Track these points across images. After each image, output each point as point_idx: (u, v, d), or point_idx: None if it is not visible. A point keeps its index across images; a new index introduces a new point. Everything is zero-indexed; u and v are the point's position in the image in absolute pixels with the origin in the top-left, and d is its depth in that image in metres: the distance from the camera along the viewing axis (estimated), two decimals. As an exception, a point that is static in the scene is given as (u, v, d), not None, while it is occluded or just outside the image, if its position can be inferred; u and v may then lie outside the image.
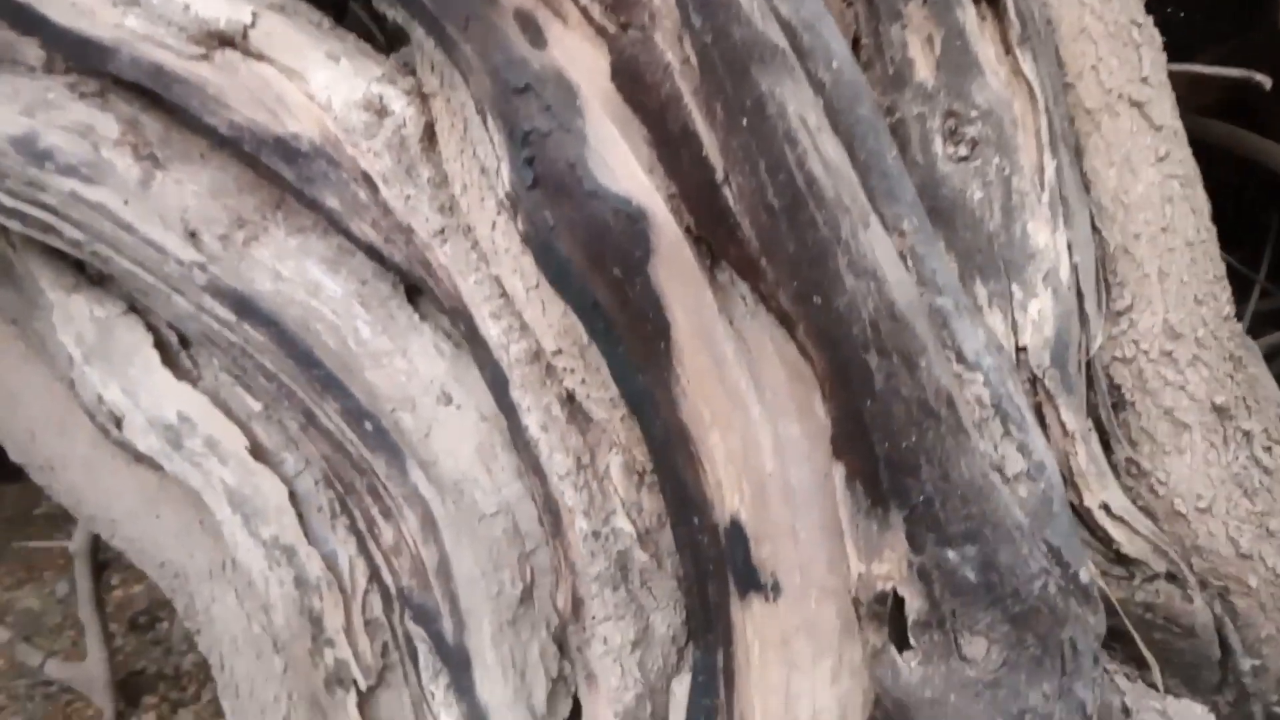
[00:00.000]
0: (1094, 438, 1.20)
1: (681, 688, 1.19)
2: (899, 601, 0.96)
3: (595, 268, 1.01)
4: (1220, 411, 1.25)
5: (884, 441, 0.92)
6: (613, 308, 1.03)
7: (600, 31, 1.03)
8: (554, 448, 1.27)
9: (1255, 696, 1.31)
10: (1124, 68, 1.26)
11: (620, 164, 1.00)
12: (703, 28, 0.93)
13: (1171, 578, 1.22)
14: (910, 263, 0.98)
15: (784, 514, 1.05)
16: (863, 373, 0.91)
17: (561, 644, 1.39)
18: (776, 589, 1.05)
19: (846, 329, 0.91)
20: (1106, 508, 1.17)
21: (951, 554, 0.91)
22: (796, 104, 0.93)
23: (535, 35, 1.04)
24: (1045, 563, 0.92)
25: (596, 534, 1.26)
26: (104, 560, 3.33)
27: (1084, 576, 0.94)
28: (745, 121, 0.92)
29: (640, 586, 1.29)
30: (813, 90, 0.99)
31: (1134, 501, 1.25)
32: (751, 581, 1.06)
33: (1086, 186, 1.26)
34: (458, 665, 1.35)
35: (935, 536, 0.92)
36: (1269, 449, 1.30)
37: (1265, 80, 1.48)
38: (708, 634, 1.11)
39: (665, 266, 1.00)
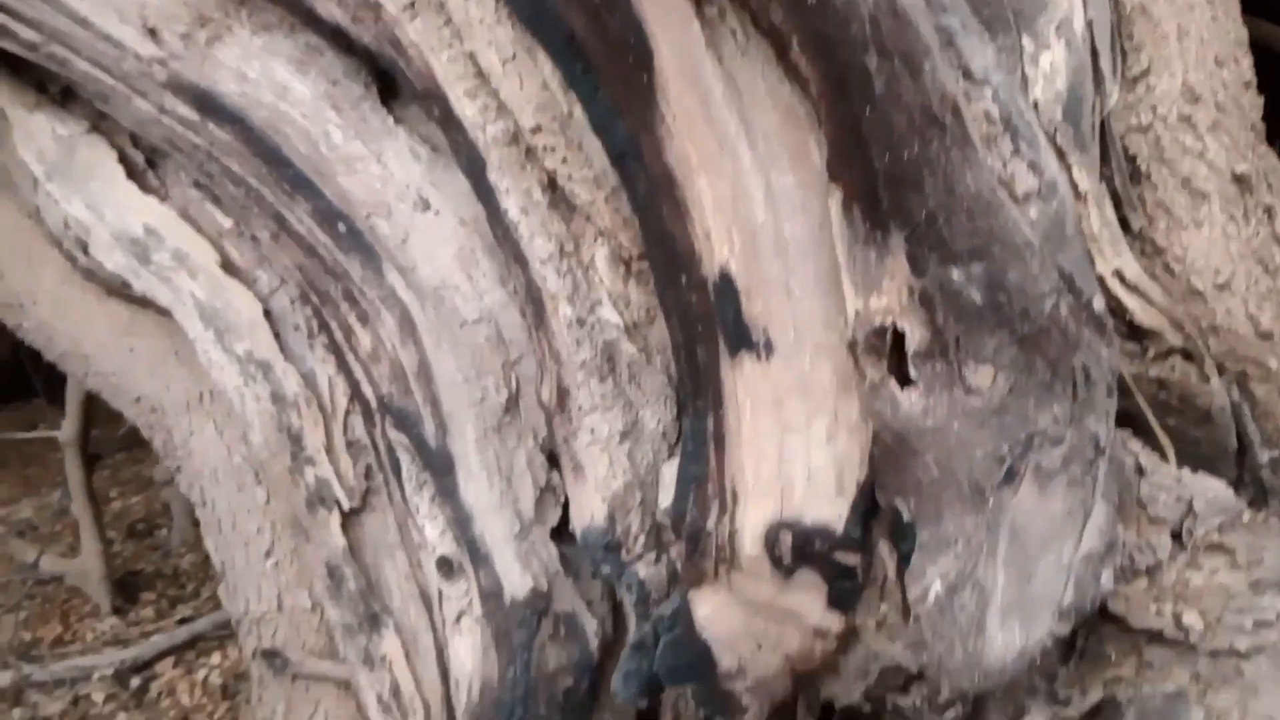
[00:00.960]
0: (1108, 203, 1.13)
1: (670, 469, 1.13)
2: (898, 339, 0.89)
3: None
4: (1241, 182, 1.17)
5: (884, 154, 0.85)
6: (591, 42, 0.96)
7: None
8: (534, 232, 1.20)
9: (1272, 493, 1.25)
10: None
11: (596, -123, 0.92)
12: None
13: (1187, 356, 1.16)
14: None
15: (776, 267, 0.98)
16: (862, 78, 0.84)
17: (550, 455, 1.33)
18: (769, 347, 0.99)
19: (844, 29, 0.83)
20: (1120, 275, 1.10)
21: (956, 274, 0.85)
22: None
23: None
24: (1056, 284, 0.85)
25: (581, 321, 1.20)
26: (95, 453, 3.29)
27: (1097, 305, 0.88)
28: None
29: (629, 380, 1.23)
30: None
31: (1150, 274, 1.18)
32: (743, 339, 1.00)
33: (1101, -60, 1.18)
34: (441, 469, 1.30)
35: (939, 256, 0.85)
36: (1291, 223, 1.23)
37: None
38: (697, 400, 1.04)
39: (648, -14, 0.92)
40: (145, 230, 1.43)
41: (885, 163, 0.86)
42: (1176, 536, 1.03)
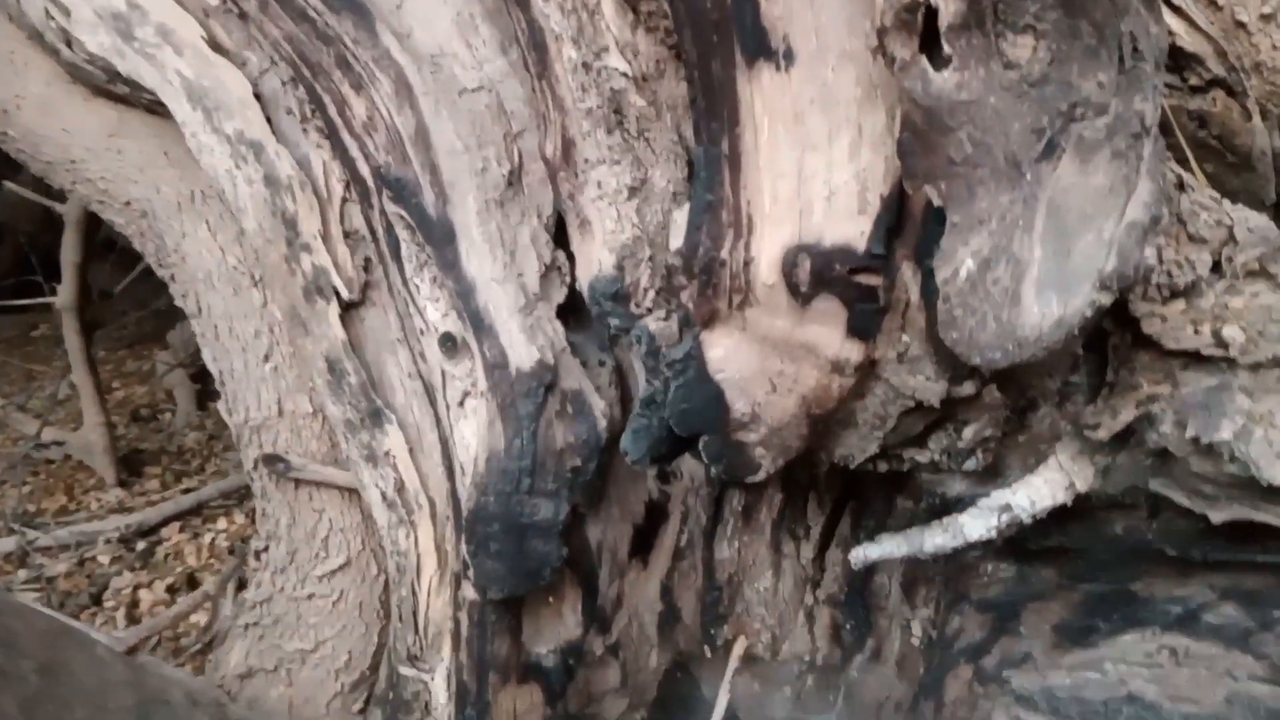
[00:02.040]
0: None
1: (682, 214, 1.07)
2: (930, 16, 0.83)
3: None
4: (1292, -95, 1.09)
5: None
6: None
7: None
8: (536, -32, 1.13)
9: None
10: None
11: None
12: None
13: (1229, 91, 1.09)
14: None
15: (797, -39, 0.91)
16: None
17: (555, 236, 1.28)
18: (789, 56, 0.92)
19: None
20: (1162, -7, 1.03)
21: (993, -69, 0.78)
22: None
23: None
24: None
25: (587, 66, 1.13)
26: (93, 320, 3.25)
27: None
28: None
29: (637, 136, 1.16)
30: None
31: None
32: (761, 47, 0.93)
33: None
34: (441, 240, 1.24)
35: (975, -89, 0.78)
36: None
37: None
38: (711, 122, 0.98)
39: None
40: (128, 4, 1.36)
41: None
42: (1216, 265, 0.98)
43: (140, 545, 2.89)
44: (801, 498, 1.50)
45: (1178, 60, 1.05)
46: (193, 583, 2.67)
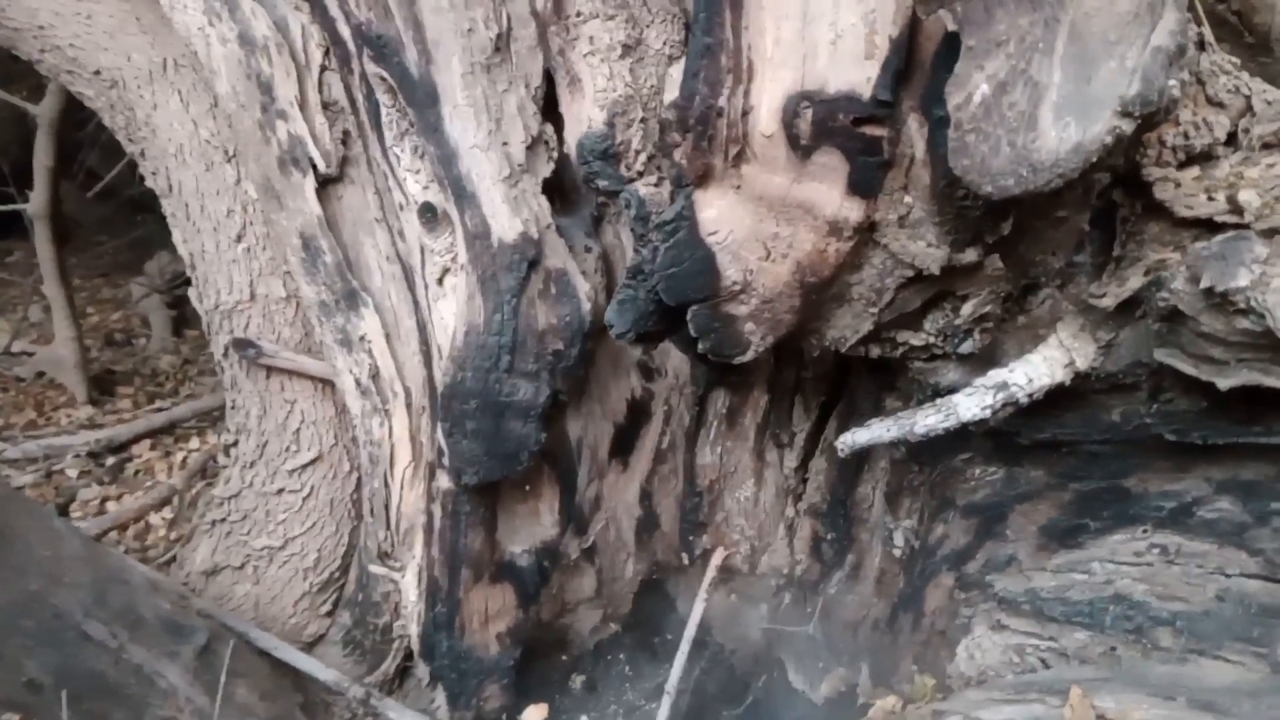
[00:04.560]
0: None
1: (677, 69, 1.02)
2: None
3: None
4: None
5: None
6: None
7: None
8: None
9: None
10: None
11: None
12: None
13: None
14: None
15: None
16: None
17: (544, 111, 1.22)
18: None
19: None
20: None
21: None
22: None
23: None
24: None
25: (582, -88, 1.07)
26: (67, 232, 3.16)
27: None
28: None
29: (633, -8, 1.11)
30: None
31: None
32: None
33: None
34: (424, 101, 1.18)
35: None
36: None
37: None
38: (712, -42, 0.92)
39: None
40: None
41: None
42: (1231, 136, 0.93)
43: (110, 461, 2.83)
44: (787, 401, 1.46)
45: (1203, -74, 1.00)
46: (163, 501, 2.62)
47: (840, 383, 1.43)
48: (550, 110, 1.23)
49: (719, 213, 0.98)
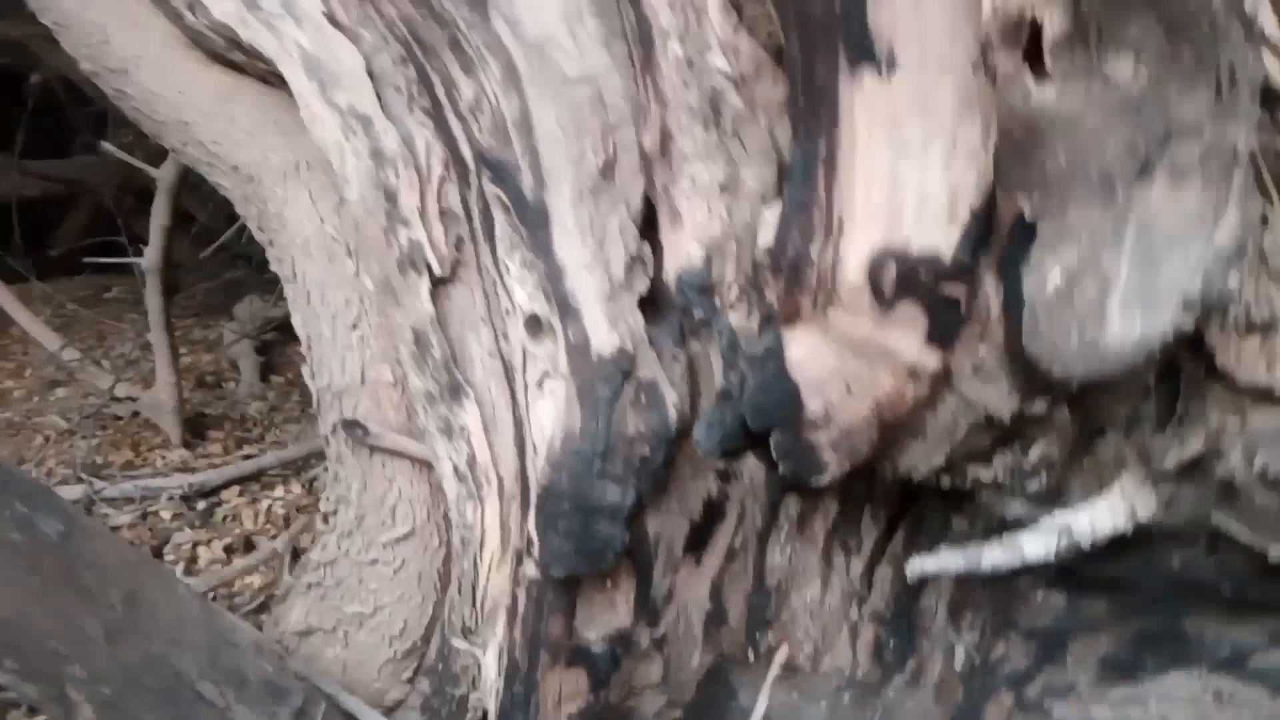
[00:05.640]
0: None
1: (772, 213, 1.11)
2: (1035, 33, 0.86)
3: None
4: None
5: None
6: None
7: None
8: (650, -31, 1.18)
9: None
10: None
11: None
12: None
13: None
14: None
15: (908, -28, 0.95)
16: None
17: (643, 227, 1.32)
18: (891, 61, 0.96)
19: None
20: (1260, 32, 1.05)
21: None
22: None
23: None
24: None
25: (690, 62, 1.17)
26: (174, 284, 3.36)
27: (1249, 5, 0.83)
28: None
29: (732, 134, 1.20)
30: None
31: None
32: (865, 51, 0.96)
33: None
34: (536, 222, 1.29)
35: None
36: None
37: None
38: (810, 121, 1.02)
39: None
40: (255, -23, 1.44)
41: None
42: (1301, 300, 0.99)
43: (201, 505, 2.97)
44: (857, 511, 1.52)
45: (1268, 98, 1.06)
46: (249, 545, 2.75)
47: (909, 496, 1.49)
48: (647, 225, 1.33)
49: (805, 350, 1.06)
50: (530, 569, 1.41)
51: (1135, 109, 0.81)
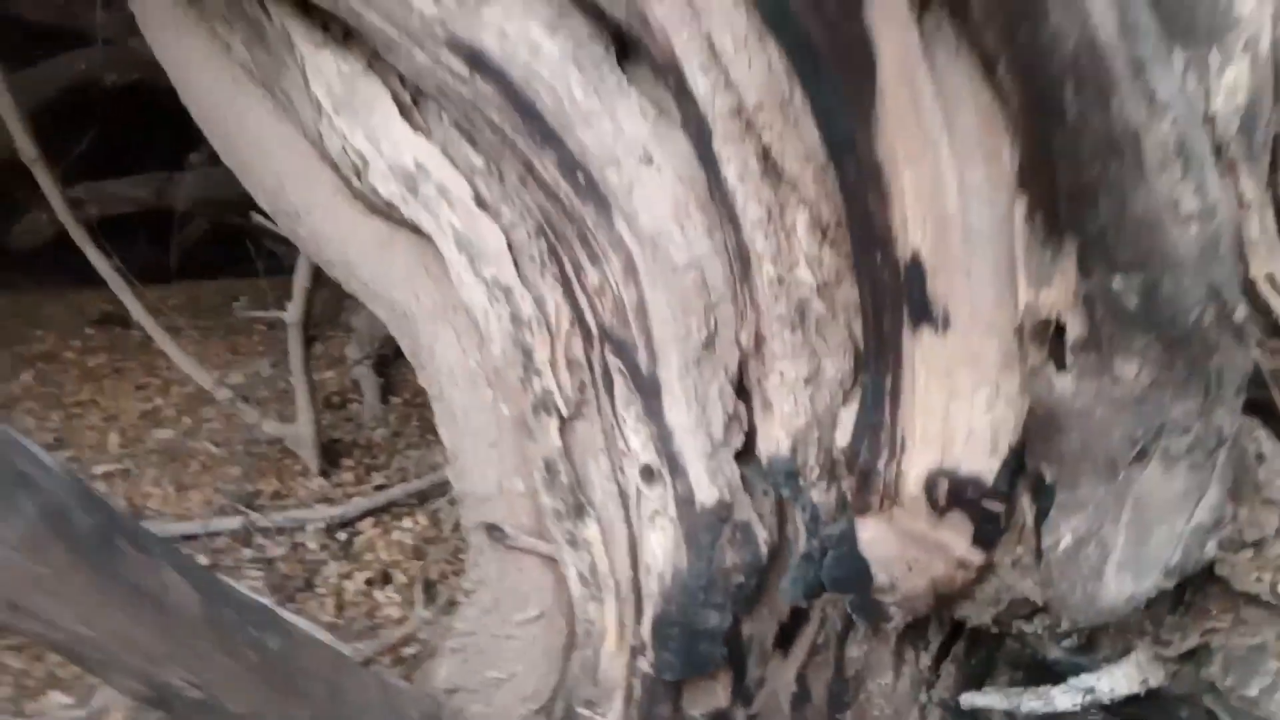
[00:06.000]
0: (1270, 212, 1.24)
1: (848, 414, 1.34)
2: (1059, 330, 1.07)
3: (813, 8, 1.11)
4: None
5: (1068, 173, 1.01)
6: (824, 46, 1.14)
7: None
8: (748, 198, 1.41)
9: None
10: None
11: (841, -86, 1.09)
12: None
13: (1330, 356, 1.27)
14: (1115, 12, 1.04)
15: (961, 252, 1.16)
16: (1057, 104, 1.00)
17: (737, 388, 1.56)
18: (946, 322, 1.18)
19: (1047, 60, 0.99)
20: (1272, 279, 1.23)
21: (1117, 281, 1.01)
22: None
23: None
24: (1204, 297, 1.01)
25: (780, 279, 1.40)
26: (312, 335, 3.71)
27: (1239, 315, 1.02)
28: None
29: (815, 333, 1.43)
30: None
31: (1306, 284, 1.29)
32: (924, 313, 1.18)
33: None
34: (649, 392, 1.54)
35: (1104, 264, 1.02)
36: None
37: None
38: (878, 361, 1.24)
39: (879, 8, 1.09)
40: (415, 165, 1.70)
41: (1068, 180, 1.02)
42: (1291, 521, 1.18)
43: (341, 536, 3.32)
44: (925, 617, 1.75)
45: (1276, 326, 1.24)
46: (386, 577, 3.09)
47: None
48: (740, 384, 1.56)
49: (873, 536, 1.30)
50: (644, 665, 1.68)
51: (1136, 405, 1.02)
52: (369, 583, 3.02)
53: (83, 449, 3.89)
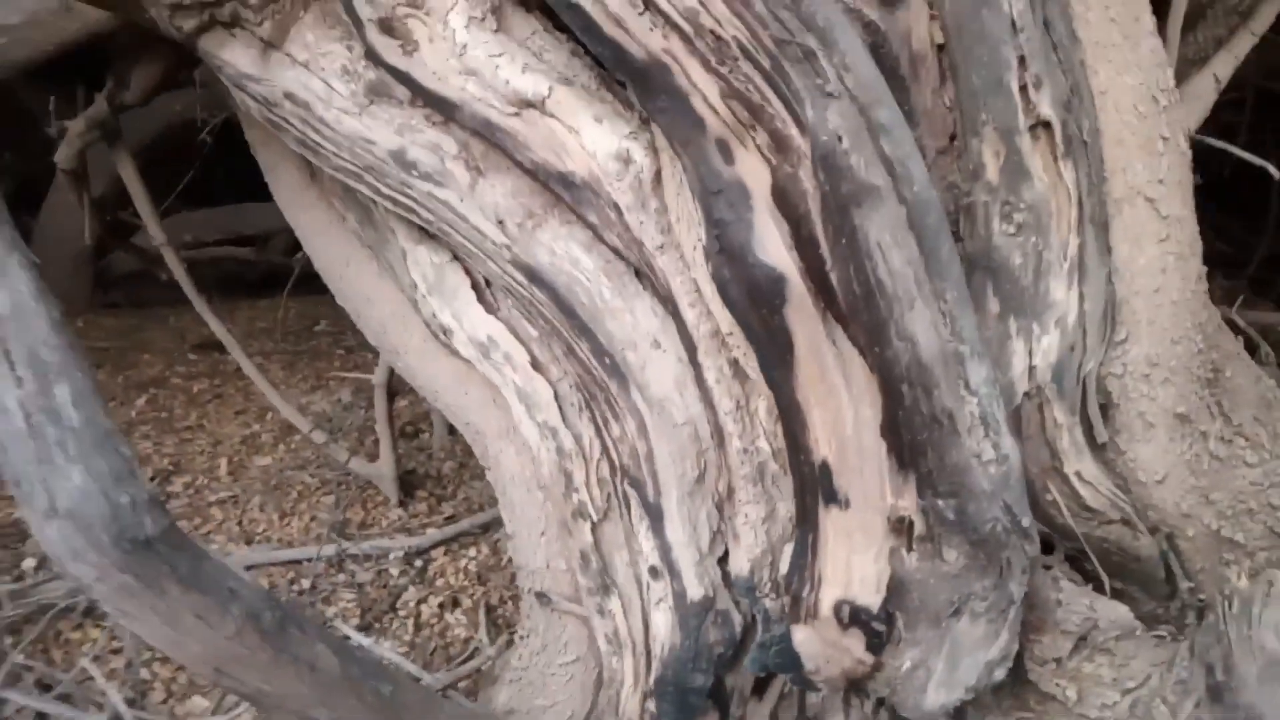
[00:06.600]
0: (1079, 428, 1.80)
1: (786, 551, 1.93)
2: (910, 524, 1.64)
3: (752, 305, 1.69)
4: (1180, 418, 1.82)
5: (908, 434, 1.59)
6: (760, 329, 1.72)
7: (766, 160, 1.67)
8: (722, 394, 1.99)
9: (1189, 607, 1.93)
10: (1146, 170, 1.78)
11: (772, 245, 1.66)
12: (824, 179, 1.57)
13: (1125, 522, 1.84)
14: (946, 321, 1.60)
15: (855, 461, 1.73)
16: (899, 393, 1.57)
17: (720, 511, 2.14)
18: (847, 503, 1.75)
19: (892, 367, 1.57)
20: (1079, 474, 1.79)
21: (941, 502, 1.59)
22: (878, 231, 1.56)
23: (727, 155, 1.70)
24: (999, 514, 1.58)
25: (746, 450, 1.99)
26: (394, 390, 4.34)
27: (1025, 522, 1.59)
28: (844, 240, 1.56)
29: (771, 484, 2.01)
30: (898, 203, 1.60)
31: (1113, 469, 1.85)
32: (832, 497, 1.76)
33: (1109, 252, 1.81)
34: (655, 516, 2.14)
35: (932, 491, 1.59)
36: (1227, 441, 1.87)
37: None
38: (804, 523, 1.83)
39: (795, 310, 1.66)
40: (488, 338, 2.31)
41: (909, 438, 1.59)
42: (1084, 639, 1.75)
43: (418, 563, 3.95)
44: (863, 675, 2.34)
45: (1089, 510, 1.81)
46: (455, 601, 3.71)
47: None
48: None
49: (802, 638, 1.89)
50: (652, 707, 2.29)
51: (954, 579, 1.60)
52: (441, 606, 3.64)
53: (197, 474, 4.52)
